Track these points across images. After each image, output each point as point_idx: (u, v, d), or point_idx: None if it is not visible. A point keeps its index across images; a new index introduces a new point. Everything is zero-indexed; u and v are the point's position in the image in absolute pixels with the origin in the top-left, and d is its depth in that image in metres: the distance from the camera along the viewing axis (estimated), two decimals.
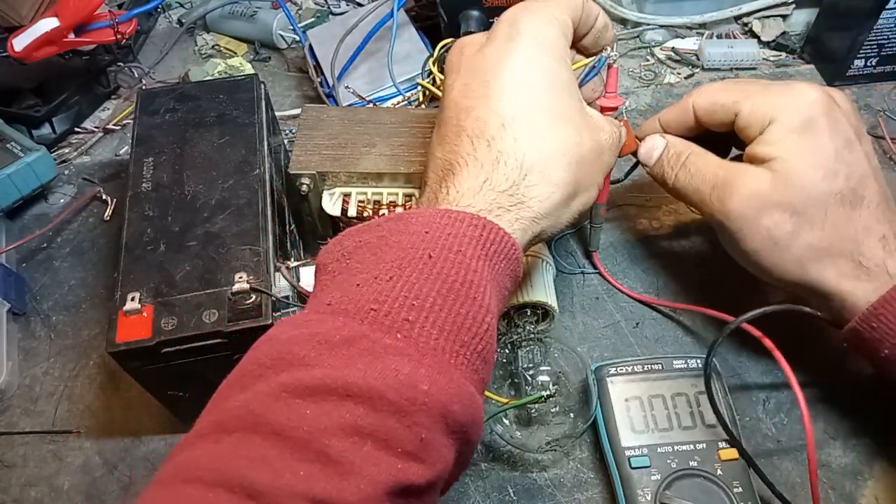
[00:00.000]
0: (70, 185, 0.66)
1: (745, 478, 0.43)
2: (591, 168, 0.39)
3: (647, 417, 0.46)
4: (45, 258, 0.60)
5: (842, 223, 0.42)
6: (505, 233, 0.34)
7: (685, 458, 0.44)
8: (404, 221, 0.34)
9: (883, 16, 0.64)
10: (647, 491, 0.43)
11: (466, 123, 0.37)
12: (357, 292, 0.31)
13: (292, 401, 0.28)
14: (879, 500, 0.45)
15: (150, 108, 0.52)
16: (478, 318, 0.31)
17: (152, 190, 0.47)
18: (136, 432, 0.50)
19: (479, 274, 0.32)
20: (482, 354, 0.32)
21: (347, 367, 0.28)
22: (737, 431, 0.45)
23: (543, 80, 0.37)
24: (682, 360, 0.48)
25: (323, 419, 0.27)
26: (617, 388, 0.47)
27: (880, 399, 0.49)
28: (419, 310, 0.30)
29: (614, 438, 0.45)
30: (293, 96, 0.74)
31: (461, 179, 0.36)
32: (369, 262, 0.33)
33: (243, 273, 0.42)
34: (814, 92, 0.43)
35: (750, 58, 0.72)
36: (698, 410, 0.46)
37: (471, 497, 0.46)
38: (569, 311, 0.55)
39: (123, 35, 0.61)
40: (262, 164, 0.48)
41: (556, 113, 0.37)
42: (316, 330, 0.30)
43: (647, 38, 0.76)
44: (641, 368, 0.48)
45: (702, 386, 0.47)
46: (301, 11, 0.81)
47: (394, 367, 0.29)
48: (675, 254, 0.58)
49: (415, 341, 0.30)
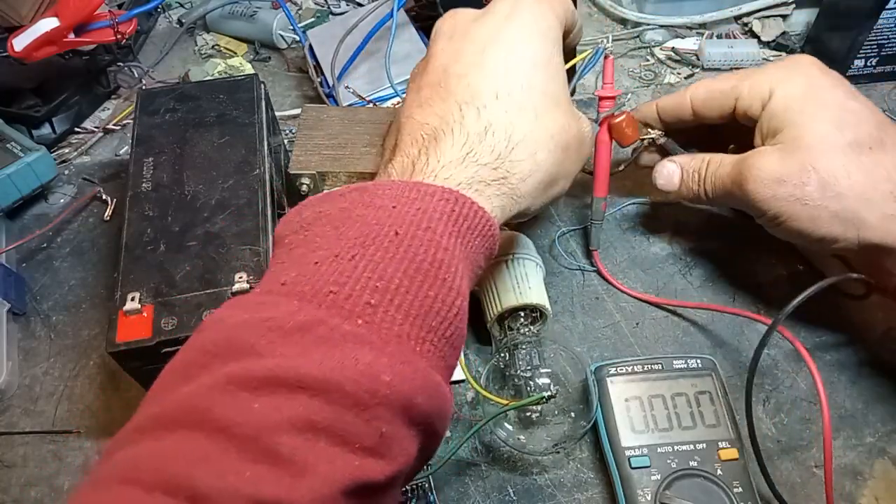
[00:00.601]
0: (70, 185, 0.66)
1: (745, 478, 0.43)
2: (573, 155, 0.39)
3: (647, 417, 0.46)
4: (45, 258, 0.60)
5: (870, 168, 0.41)
6: (480, 208, 0.33)
7: (685, 458, 0.44)
8: (370, 193, 0.32)
9: (883, 16, 0.64)
10: (648, 491, 0.43)
11: (457, 89, 0.36)
12: (315, 271, 0.29)
13: (240, 394, 0.25)
14: (879, 500, 0.45)
15: (150, 108, 0.52)
16: (447, 302, 0.30)
17: (152, 190, 0.47)
18: None
19: (450, 252, 0.30)
20: (451, 340, 0.30)
21: (301, 357, 0.26)
22: (737, 431, 0.45)
23: (541, 61, 0.37)
24: (682, 360, 0.48)
25: (273, 414, 0.25)
26: (617, 389, 0.47)
27: (880, 399, 0.49)
28: (383, 292, 0.28)
29: (614, 438, 0.45)
30: (293, 96, 0.74)
31: (444, 148, 0.34)
32: (330, 237, 0.30)
33: (243, 273, 0.42)
34: (807, 57, 0.44)
35: (750, 58, 0.72)
36: (698, 410, 0.46)
37: (471, 497, 0.46)
38: (569, 311, 0.55)
39: (123, 35, 0.61)
40: (262, 164, 0.48)
41: (549, 95, 0.37)
42: (268, 314, 0.28)
43: (647, 38, 0.76)
44: (641, 368, 0.48)
45: (702, 385, 0.47)
46: (301, 11, 0.81)
47: (353, 357, 0.27)
48: (675, 254, 0.58)
49: (377, 327, 0.28)
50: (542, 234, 0.60)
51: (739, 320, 0.53)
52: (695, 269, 0.57)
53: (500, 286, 0.50)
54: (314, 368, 0.26)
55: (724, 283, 0.56)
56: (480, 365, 0.52)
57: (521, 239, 0.53)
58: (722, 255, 0.58)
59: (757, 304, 0.55)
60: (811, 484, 0.46)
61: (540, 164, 0.36)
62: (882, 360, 0.51)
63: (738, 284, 0.56)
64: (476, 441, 0.49)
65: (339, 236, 0.30)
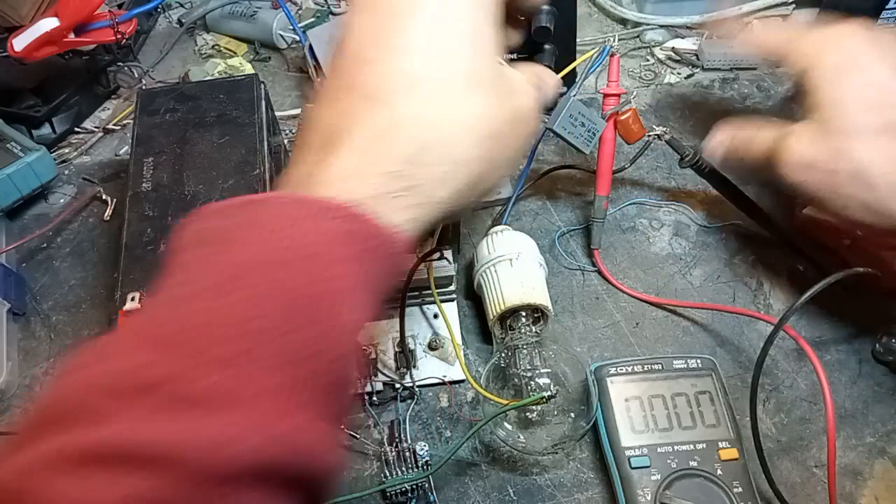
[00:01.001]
0: (70, 185, 0.66)
1: (745, 478, 0.43)
2: (507, 141, 0.33)
3: (648, 417, 0.46)
4: (45, 258, 0.60)
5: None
6: (383, 225, 0.28)
7: (685, 458, 0.44)
8: (257, 209, 0.27)
9: (883, 16, 0.64)
10: (647, 491, 0.43)
11: (363, 79, 0.30)
12: (176, 310, 0.25)
13: (72, 470, 0.21)
14: (879, 500, 0.45)
15: (150, 108, 0.52)
16: (331, 342, 0.25)
17: (152, 190, 0.47)
18: None
19: (340, 282, 0.26)
20: (337, 383, 0.26)
21: (143, 423, 0.22)
22: (737, 431, 0.45)
23: (466, 33, 0.31)
24: (682, 360, 0.48)
25: (102, 495, 0.21)
26: (617, 388, 0.47)
27: (880, 399, 0.49)
28: (254, 336, 0.24)
29: (614, 438, 0.45)
30: (293, 96, 0.74)
31: (345, 154, 0.29)
32: (202, 264, 0.26)
33: None
34: (858, 26, 0.41)
35: (750, 58, 0.72)
36: (698, 410, 0.46)
37: (471, 497, 0.46)
38: (569, 311, 0.55)
39: (123, 35, 0.61)
40: (262, 164, 0.48)
41: (473, 76, 0.31)
42: (116, 367, 0.24)
43: (647, 38, 0.76)
44: (641, 368, 0.48)
45: (702, 385, 0.47)
46: (301, 11, 0.81)
47: (206, 421, 0.22)
48: (675, 254, 0.58)
49: (245, 380, 0.23)
50: (542, 233, 0.60)
51: (740, 320, 0.53)
52: (695, 269, 0.57)
53: (503, 285, 0.50)
54: (157, 437, 0.22)
55: (724, 283, 0.56)
56: (480, 365, 0.52)
57: (525, 238, 0.53)
58: (722, 255, 0.58)
59: (757, 304, 0.55)
60: (811, 484, 0.46)
61: (460, 163, 0.30)
62: (882, 359, 0.51)
63: (738, 284, 0.56)
64: (476, 441, 0.49)
65: (211, 265, 0.26)
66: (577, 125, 0.52)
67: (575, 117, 0.52)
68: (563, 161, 0.65)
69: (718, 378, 0.48)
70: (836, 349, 0.52)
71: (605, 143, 0.54)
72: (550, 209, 0.62)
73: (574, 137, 0.52)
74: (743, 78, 0.72)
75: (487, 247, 0.53)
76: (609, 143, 0.54)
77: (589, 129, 0.52)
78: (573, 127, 0.52)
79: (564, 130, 0.52)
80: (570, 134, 0.52)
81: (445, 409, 0.50)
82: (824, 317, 0.53)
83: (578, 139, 0.52)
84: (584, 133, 0.52)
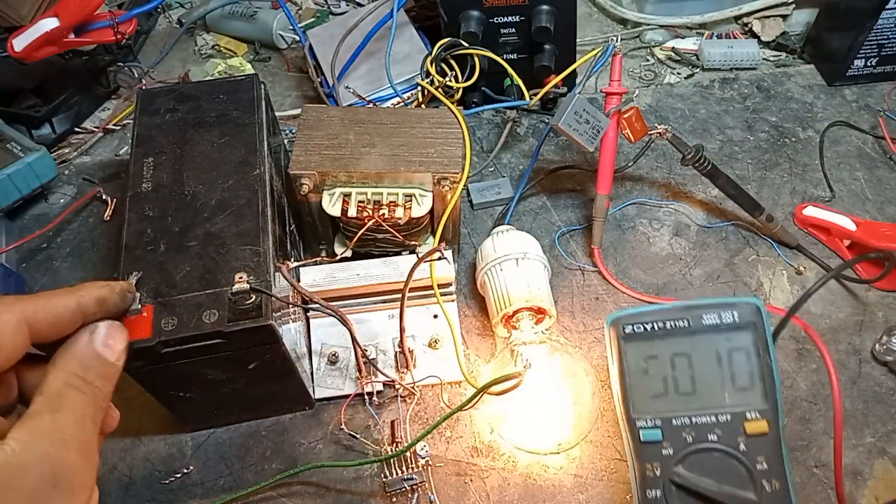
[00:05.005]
0: (70, 185, 0.66)
1: (773, 453, 0.38)
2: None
3: (669, 380, 0.40)
4: (45, 258, 0.60)
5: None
6: None
7: (704, 432, 0.39)
8: None
9: (883, 16, 0.64)
10: (657, 466, 0.39)
11: None
12: None
13: None
14: (879, 500, 0.45)
15: (150, 108, 0.52)
16: None
17: (152, 190, 0.47)
18: (136, 432, 0.50)
19: None
20: None
21: None
22: (773, 401, 0.39)
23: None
24: (715, 312, 0.40)
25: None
26: (634, 347, 0.41)
27: (880, 399, 0.49)
28: None
29: (627, 406, 0.41)
30: (293, 96, 0.74)
31: None
32: None
33: (243, 273, 0.42)
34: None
35: (750, 58, 0.72)
36: (730, 371, 0.40)
37: (471, 497, 0.46)
38: (569, 311, 0.55)
39: (123, 35, 0.61)
40: (262, 164, 0.48)
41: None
42: None
43: (647, 38, 0.76)
44: (664, 325, 0.41)
45: (739, 341, 0.40)
46: (301, 11, 0.81)
47: None
48: (675, 254, 0.58)
49: None
50: (543, 233, 0.60)
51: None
52: (695, 269, 0.57)
53: (509, 285, 0.50)
54: None
55: (724, 283, 0.56)
56: (481, 364, 0.52)
57: (529, 239, 0.53)
58: (722, 255, 0.58)
59: None
60: (811, 484, 0.46)
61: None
62: (882, 360, 0.51)
63: (738, 284, 0.56)
64: (476, 441, 0.49)
65: None
66: (582, 122, 0.52)
67: (580, 114, 0.52)
68: (564, 161, 0.65)
69: (761, 331, 0.40)
70: (836, 349, 0.52)
71: (606, 141, 0.54)
72: (550, 209, 0.62)
73: (579, 134, 0.52)
74: (743, 78, 0.72)
75: (492, 246, 0.53)
76: (611, 141, 0.54)
77: (594, 127, 0.52)
78: (578, 124, 0.52)
79: (570, 127, 0.52)
80: (575, 131, 0.52)
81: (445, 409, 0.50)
82: (824, 317, 0.53)
83: (583, 136, 0.52)
84: (588, 130, 0.52)
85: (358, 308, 0.52)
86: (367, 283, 0.51)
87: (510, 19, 0.62)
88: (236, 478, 0.48)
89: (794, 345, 0.52)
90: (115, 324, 0.36)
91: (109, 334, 0.35)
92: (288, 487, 0.47)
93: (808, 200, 0.61)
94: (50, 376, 0.32)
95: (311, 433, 0.50)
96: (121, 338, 0.36)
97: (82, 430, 0.32)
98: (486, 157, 0.66)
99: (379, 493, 0.47)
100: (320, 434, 0.50)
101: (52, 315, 0.34)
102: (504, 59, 0.61)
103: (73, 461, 0.30)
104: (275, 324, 0.40)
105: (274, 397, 0.49)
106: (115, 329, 0.36)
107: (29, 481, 0.28)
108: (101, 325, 0.35)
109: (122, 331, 0.36)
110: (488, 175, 0.65)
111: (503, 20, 0.62)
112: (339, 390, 0.50)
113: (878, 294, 0.55)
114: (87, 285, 0.36)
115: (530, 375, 0.45)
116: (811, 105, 0.69)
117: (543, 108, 0.69)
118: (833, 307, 0.54)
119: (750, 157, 0.65)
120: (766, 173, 0.63)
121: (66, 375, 0.33)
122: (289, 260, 0.47)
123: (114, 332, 0.35)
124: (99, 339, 0.35)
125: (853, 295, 0.55)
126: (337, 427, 0.49)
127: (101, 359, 0.35)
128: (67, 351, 0.34)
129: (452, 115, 0.52)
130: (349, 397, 0.49)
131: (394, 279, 0.51)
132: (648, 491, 0.39)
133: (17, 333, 0.32)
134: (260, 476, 0.48)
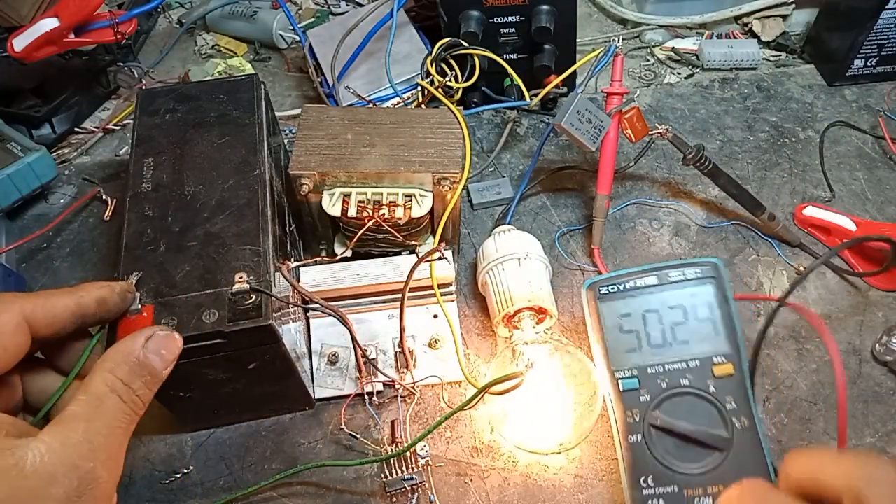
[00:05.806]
0: (70, 185, 0.66)
1: (739, 392, 0.42)
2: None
3: (641, 335, 0.45)
4: (45, 258, 0.60)
5: None
6: None
7: (676, 377, 0.43)
8: None
9: (883, 16, 0.64)
10: (637, 412, 0.42)
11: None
12: None
13: None
14: None
15: (150, 108, 0.52)
16: None
17: (152, 190, 0.47)
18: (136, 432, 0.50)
19: None
20: None
21: None
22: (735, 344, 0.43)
23: None
24: (680, 270, 0.45)
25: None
26: (609, 307, 0.46)
27: (880, 399, 0.49)
28: None
29: (604, 360, 0.45)
30: (293, 96, 0.74)
31: None
32: None
33: (243, 273, 0.42)
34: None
35: (750, 58, 0.72)
36: (695, 321, 0.44)
37: (471, 497, 0.46)
38: (569, 311, 0.55)
39: (123, 35, 0.61)
40: (262, 164, 0.48)
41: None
42: None
43: (647, 38, 0.76)
44: (634, 284, 0.46)
45: (702, 295, 0.44)
46: (301, 11, 0.81)
47: None
48: (675, 254, 0.58)
49: None
50: (543, 233, 0.60)
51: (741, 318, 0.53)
52: None
53: (511, 285, 0.50)
54: None
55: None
56: (481, 364, 0.52)
57: (531, 240, 0.53)
58: (722, 254, 0.58)
59: (757, 304, 0.55)
60: None
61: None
62: (882, 360, 0.51)
63: (738, 284, 0.56)
64: (476, 441, 0.49)
65: None
66: (584, 122, 0.52)
67: (582, 113, 0.52)
68: (564, 161, 0.65)
69: (720, 284, 0.45)
70: None
71: (607, 141, 0.54)
72: (550, 209, 0.62)
73: (581, 134, 0.52)
74: (743, 78, 0.72)
75: (494, 245, 0.53)
76: (612, 141, 0.54)
77: (596, 126, 0.52)
78: (580, 123, 0.52)
79: (572, 126, 0.52)
80: (578, 130, 0.52)
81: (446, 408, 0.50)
82: (824, 317, 0.53)
83: (585, 136, 0.52)
84: (591, 130, 0.52)
85: (358, 308, 0.52)
86: (367, 283, 0.51)
87: (510, 19, 0.62)
88: (236, 478, 0.48)
89: (795, 345, 0.52)
90: (172, 333, 0.35)
91: (164, 344, 0.35)
92: (288, 487, 0.47)
93: (808, 200, 0.61)
94: (96, 376, 0.32)
95: (311, 433, 0.50)
96: (174, 348, 0.35)
97: (113, 441, 0.32)
98: (486, 158, 0.66)
99: (379, 493, 0.47)
100: (320, 434, 0.50)
101: (52, 315, 0.33)
102: (504, 59, 0.61)
103: (100, 474, 0.30)
104: (275, 324, 0.40)
105: (274, 397, 0.49)
106: (170, 340, 0.35)
107: (56, 491, 0.28)
108: (158, 333, 0.34)
109: (176, 341, 0.35)
110: (488, 175, 0.65)
111: (503, 20, 0.62)
112: (339, 390, 0.50)
113: (879, 294, 0.55)
114: (87, 286, 0.36)
115: (531, 375, 0.45)
116: (811, 105, 0.69)
117: (543, 109, 0.69)
118: (833, 307, 0.54)
119: (750, 157, 0.65)
120: (766, 173, 0.63)
121: (112, 379, 0.32)
122: (289, 260, 0.47)
123: (169, 342, 0.35)
124: (152, 347, 0.34)
125: (853, 295, 0.55)
126: (337, 427, 0.49)
127: (150, 367, 0.34)
128: (118, 352, 0.33)
129: (452, 115, 0.52)
130: (349, 397, 0.49)
131: (394, 279, 0.51)
132: (630, 437, 0.43)
133: (18, 334, 0.32)
134: (260, 476, 0.48)
